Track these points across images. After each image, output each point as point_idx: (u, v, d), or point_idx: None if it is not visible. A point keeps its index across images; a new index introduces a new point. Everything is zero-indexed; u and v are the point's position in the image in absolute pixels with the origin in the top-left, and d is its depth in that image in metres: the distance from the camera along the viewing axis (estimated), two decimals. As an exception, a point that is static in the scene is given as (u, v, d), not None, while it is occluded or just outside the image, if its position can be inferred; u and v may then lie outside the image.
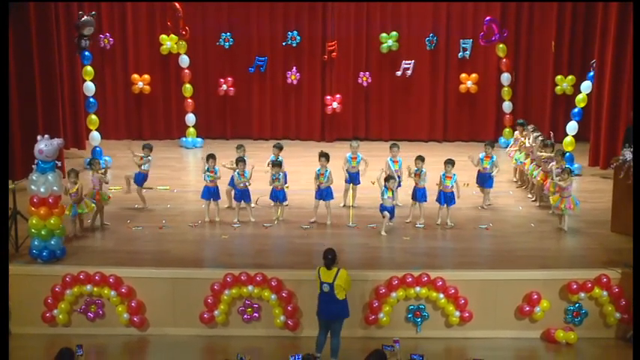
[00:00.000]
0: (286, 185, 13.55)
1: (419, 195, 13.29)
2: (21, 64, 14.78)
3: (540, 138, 14.61)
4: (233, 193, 13.67)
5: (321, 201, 13.35)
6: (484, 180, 14.10)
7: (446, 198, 13.21)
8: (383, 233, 12.83)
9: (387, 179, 12.82)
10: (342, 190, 14.09)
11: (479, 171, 14.11)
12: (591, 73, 16.24)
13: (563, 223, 13.04)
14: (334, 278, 10.10)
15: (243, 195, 13.39)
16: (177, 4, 17.89)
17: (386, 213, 12.77)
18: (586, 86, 16.33)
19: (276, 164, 13.34)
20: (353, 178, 14.03)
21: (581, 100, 16.34)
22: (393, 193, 13.01)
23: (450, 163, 13.25)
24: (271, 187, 13.32)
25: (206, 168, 13.41)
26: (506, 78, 18.49)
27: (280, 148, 14.06)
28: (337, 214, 13.82)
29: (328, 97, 18.74)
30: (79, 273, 11.25)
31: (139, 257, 12.01)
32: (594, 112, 16.13)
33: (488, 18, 18.03)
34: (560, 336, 11.17)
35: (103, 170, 13.31)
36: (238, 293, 11.22)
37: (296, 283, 10.99)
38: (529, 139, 14.91)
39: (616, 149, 14.79)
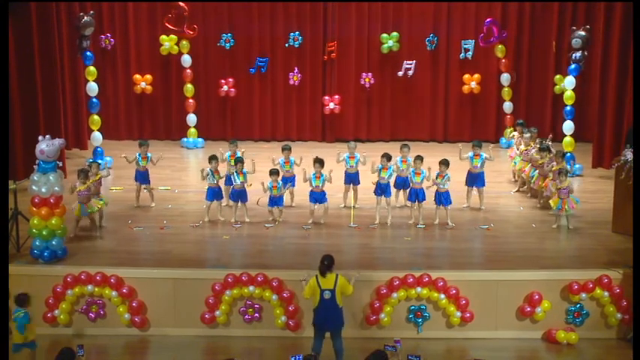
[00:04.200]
0: (288, 187, 13.61)
1: (419, 195, 13.30)
2: (22, 64, 14.79)
3: (537, 141, 14.64)
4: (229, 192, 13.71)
5: (317, 204, 13.39)
6: (475, 179, 14.04)
7: (441, 198, 13.23)
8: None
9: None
10: (342, 191, 14.10)
11: (469, 171, 14.05)
12: (572, 67, 16.16)
13: (564, 222, 13.08)
14: (335, 284, 10.06)
15: (239, 195, 13.41)
16: (182, 3, 17.93)
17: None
18: (569, 82, 16.23)
19: (274, 172, 13.34)
20: (352, 179, 14.04)
21: (569, 97, 16.27)
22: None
23: (444, 163, 13.28)
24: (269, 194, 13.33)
25: (209, 169, 13.42)
26: (505, 78, 18.49)
27: (289, 149, 14.11)
28: (338, 214, 13.83)
29: (327, 98, 18.75)
30: (80, 273, 11.25)
31: (140, 257, 12.02)
32: (598, 112, 16.10)
33: (488, 20, 18.04)
34: (562, 336, 11.16)
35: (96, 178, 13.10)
36: (239, 293, 11.22)
37: (297, 283, 10.97)
38: (523, 139, 14.96)
39: (620, 150, 14.76)
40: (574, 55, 16.03)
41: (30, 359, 10.22)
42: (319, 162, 13.48)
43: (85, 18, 16.09)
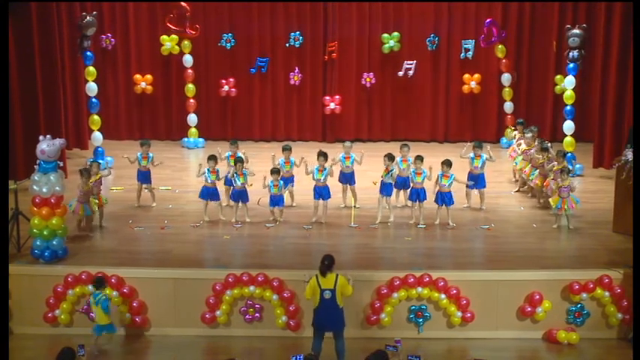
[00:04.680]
0: (288, 187, 13.63)
1: (420, 195, 13.29)
2: (23, 65, 14.79)
3: (537, 141, 14.64)
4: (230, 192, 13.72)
5: (320, 200, 13.40)
6: (475, 181, 13.96)
7: (444, 198, 13.22)
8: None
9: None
10: (340, 191, 14.08)
11: (470, 172, 14.04)
12: (570, 66, 16.16)
13: (565, 222, 13.08)
14: (335, 284, 10.06)
15: (240, 195, 13.40)
16: (184, 3, 17.95)
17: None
18: (569, 82, 16.22)
19: (275, 171, 13.35)
20: (348, 179, 14.03)
21: (569, 97, 16.27)
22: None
23: (446, 163, 13.28)
24: (271, 194, 13.34)
25: (207, 169, 13.44)
26: (506, 78, 18.49)
27: (290, 149, 14.14)
28: (338, 214, 13.82)
29: (327, 98, 18.74)
30: (80, 273, 11.25)
31: (141, 257, 12.03)
32: (598, 112, 16.09)
33: (488, 20, 18.06)
34: (562, 336, 11.16)
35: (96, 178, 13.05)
36: (240, 293, 11.22)
37: (298, 283, 10.97)
38: (524, 139, 14.96)
39: (621, 150, 14.74)
40: (571, 53, 16.02)
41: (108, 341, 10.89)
42: (323, 155, 13.48)
43: (88, 18, 16.12)
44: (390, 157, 13.45)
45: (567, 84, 16.25)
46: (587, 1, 18.01)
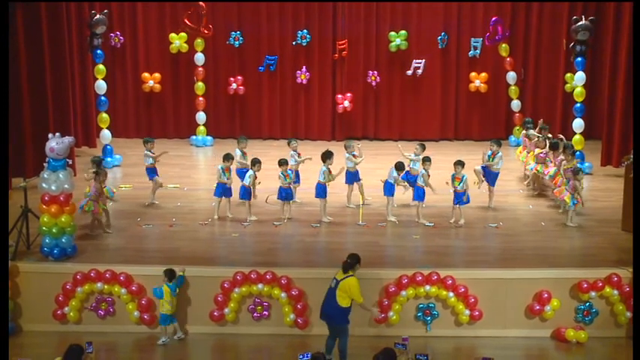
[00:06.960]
0: (295, 184, 13.64)
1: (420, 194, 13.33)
2: (33, 63, 14.83)
3: (545, 137, 14.65)
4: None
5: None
6: (489, 175, 14.00)
7: (461, 198, 13.17)
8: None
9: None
10: (342, 189, 14.04)
11: (487, 167, 14.03)
12: (578, 59, 16.08)
13: (569, 218, 13.07)
14: (343, 278, 10.12)
15: (250, 193, 13.41)
16: (202, 2, 18.00)
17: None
18: (579, 78, 16.15)
19: (283, 162, 13.38)
20: (355, 177, 14.02)
21: (579, 94, 16.22)
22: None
23: (459, 164, 13.24)
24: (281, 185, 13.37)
25: (220, 167, 13.43)
26: (511, 77, 18.47)
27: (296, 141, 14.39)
28: (346, 212, 13.82)
29: (339, 96, 18.74)
30: (89, 271, 11.29)
31: (150, 255, 12.06)
32: (607, 110, 16.05)
33: (494, 19, 18.05)
34: (571, 335, 11.14)
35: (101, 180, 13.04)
36: (248, 291, 11.24)
37: (306, 281, 10.99)
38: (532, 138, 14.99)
39: (629, 148, 14.69)
40: (579, 47, 15.96)
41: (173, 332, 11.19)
42: (331, 156, 13.44)
43: (98, 16, 16.17)
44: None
45: (577, 80, 16.20)
46: (596, 1, 17.93)
